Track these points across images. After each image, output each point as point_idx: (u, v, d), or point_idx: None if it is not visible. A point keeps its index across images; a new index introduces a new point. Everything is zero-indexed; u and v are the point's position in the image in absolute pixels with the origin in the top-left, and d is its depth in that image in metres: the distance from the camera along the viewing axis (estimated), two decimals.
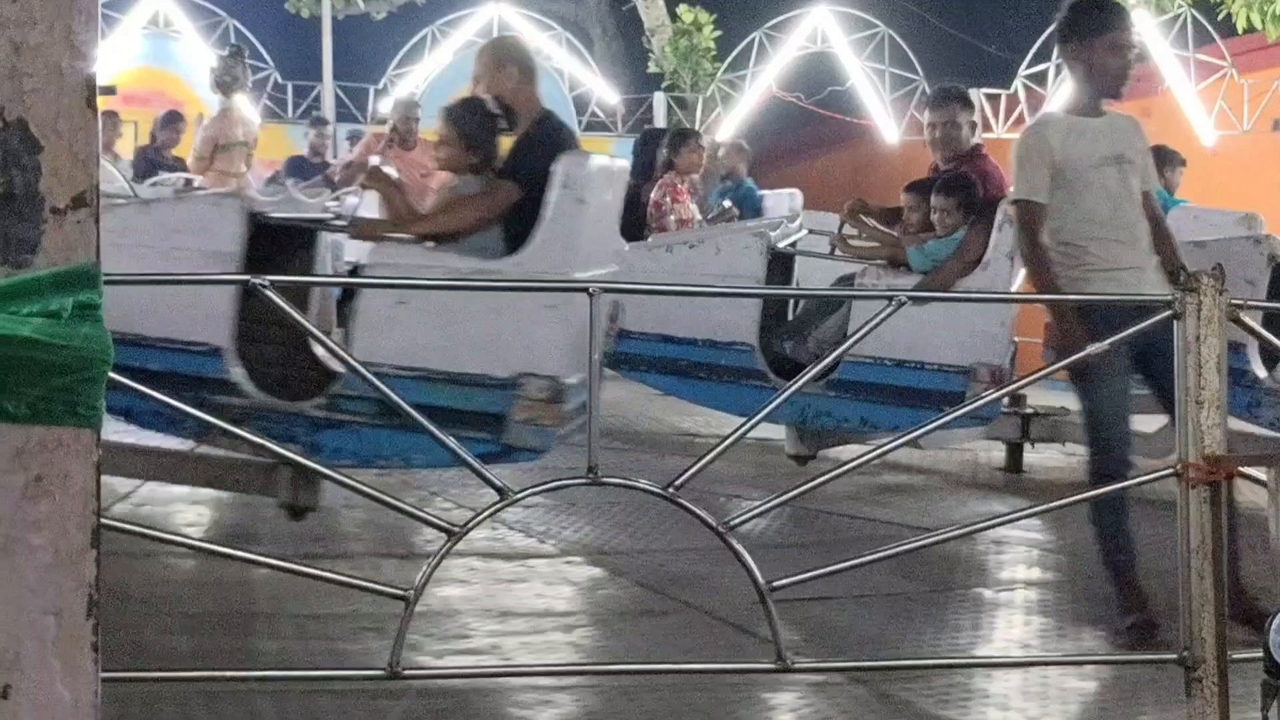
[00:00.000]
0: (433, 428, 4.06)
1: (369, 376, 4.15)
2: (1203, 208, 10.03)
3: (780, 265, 8.80)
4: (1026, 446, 9.09)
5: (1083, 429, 5.82)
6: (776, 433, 8.42)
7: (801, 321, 8.48)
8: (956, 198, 7.89)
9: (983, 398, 5.88)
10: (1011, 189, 5.85)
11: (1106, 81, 5.70)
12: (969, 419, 7.18)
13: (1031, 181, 5.62)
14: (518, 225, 6.14)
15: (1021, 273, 8.09)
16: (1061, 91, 18.71)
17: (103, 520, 1.55)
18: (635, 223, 10.09)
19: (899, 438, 4.66)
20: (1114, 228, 5.62)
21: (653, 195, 10.80)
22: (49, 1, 1.44)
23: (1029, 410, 8.91)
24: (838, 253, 9.02)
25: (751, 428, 4.50)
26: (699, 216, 11.17)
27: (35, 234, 1.44)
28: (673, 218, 10.63)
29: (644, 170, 11.12)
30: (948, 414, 5.21)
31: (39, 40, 1.44)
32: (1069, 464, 8.81)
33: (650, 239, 9.60)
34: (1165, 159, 10.36)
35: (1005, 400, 8.35)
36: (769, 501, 4.83)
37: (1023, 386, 6.44)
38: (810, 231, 9.86)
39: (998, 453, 9.26)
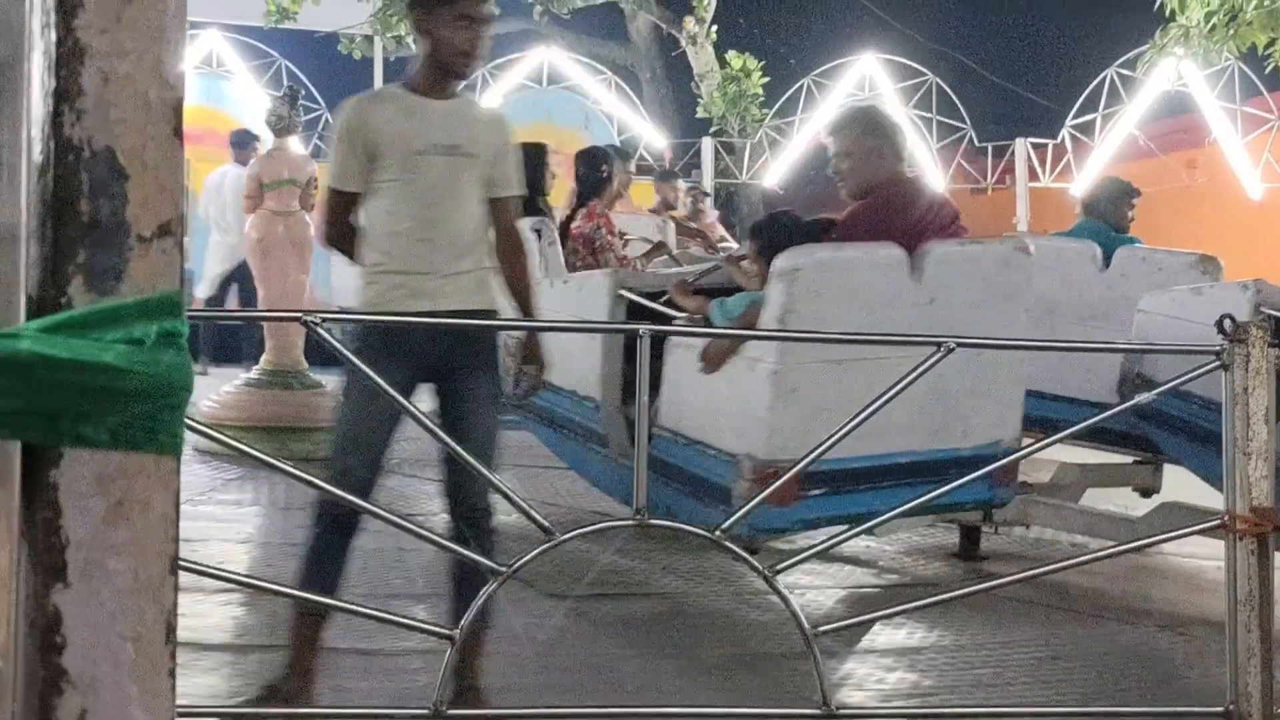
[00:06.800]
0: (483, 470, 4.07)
1: (424, 419, 4.17)
2: (1151, 248, 8.66)
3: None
4: (986, 529, 7.78)
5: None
6: None
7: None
8: (757, 243, 6.33)
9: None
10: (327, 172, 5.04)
11: (454, 58, 4.96)
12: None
13: (343, 165, 4.92)
14: None
15: None
16: (1109, 141, 18.75)
17: None
18: None
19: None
20: (423, 225, 4.85)
21: (577, 226, 8.61)
22: (139, 33, 1.47)
23: None
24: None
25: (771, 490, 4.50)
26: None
27: (121, 262, 1.47)
28: (611, 254, 8.54)
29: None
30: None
31: (128, 71, 1.47)
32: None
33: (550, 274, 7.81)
34: (1110, 191, 9.15)
35: None
36: (815, 548, 4.84)
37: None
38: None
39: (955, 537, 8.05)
